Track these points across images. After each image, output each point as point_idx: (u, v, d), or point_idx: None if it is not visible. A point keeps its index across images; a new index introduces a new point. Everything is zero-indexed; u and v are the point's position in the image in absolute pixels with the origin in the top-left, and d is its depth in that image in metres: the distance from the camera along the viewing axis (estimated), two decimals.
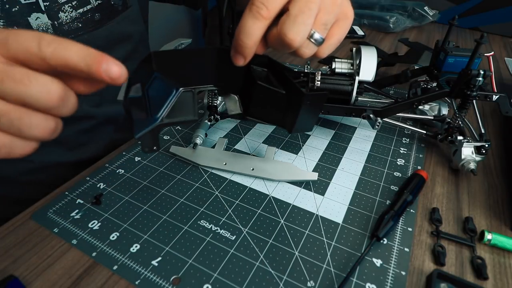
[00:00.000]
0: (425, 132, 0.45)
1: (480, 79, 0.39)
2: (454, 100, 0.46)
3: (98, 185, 0.39)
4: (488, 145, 0.39)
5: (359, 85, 0.41)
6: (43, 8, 0.38)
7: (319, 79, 0.41)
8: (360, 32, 0.89)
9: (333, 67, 0.42)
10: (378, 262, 0.31)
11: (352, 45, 0.65)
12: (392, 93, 0.61)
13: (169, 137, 0.47)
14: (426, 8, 0.96)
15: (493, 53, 0.49)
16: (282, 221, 0.35)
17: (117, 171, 0.41)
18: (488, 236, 0.33)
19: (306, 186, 0.39)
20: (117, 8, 0.46)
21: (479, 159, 0.40)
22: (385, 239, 0.33)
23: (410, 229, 0.34)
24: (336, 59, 0.42)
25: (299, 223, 0.35)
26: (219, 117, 0.44)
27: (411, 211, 0.36)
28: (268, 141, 0.47)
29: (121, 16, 0.47)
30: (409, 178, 0.38)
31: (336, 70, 0.42)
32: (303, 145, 0.46)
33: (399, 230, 0.34)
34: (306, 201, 0.37)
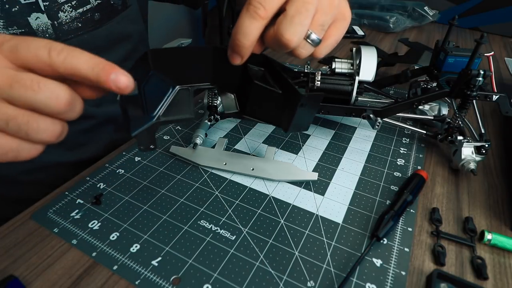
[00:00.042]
0: (425, 132, 0.45)
1: (480, 79, 0.39)
2: (454, 100, 0.46)
3: (98, 185, 0.39)
4: (488, 145, 0.39)
5: (359, 85, 0.41)
6: (43, 8, 0.38)
7: (319, 79, 0.41)
8: (360, 32, 0.89)
9: (333, 67, 0.42)
10: (378, 262, 0.31)
11: (352, 45, 0.65)
12: (392, 93, 0.61)
13: (169, 137, 0.47)
14: (426, 8, 0.96)
15: (493, 53, 0.49)
16: (282, 221, 0.35)
17: (117, 171, 0.41)
18: (488, 236, 0.33)
19: (306, 186, 0.39)
20: (117, 7, 0.46)
21: (479, 159, 0.40)
22: (385, 239, 0.33)
23: (410, 229, 0.34)
24: (336, 59, 0.42)
25: (299, 223, 0.35)
26: (219, 117, 0.44)
27: (411, 211, 0.36)
28: (268, 141, 0.47)
29: (120, 15, 0.47)
30: (409, 178, 0.39)
31: (336, 70, 0.42)
32: (303, 145, 0.46)
33: (399, 230, 0.34)
34: (306, 201, 0.37)
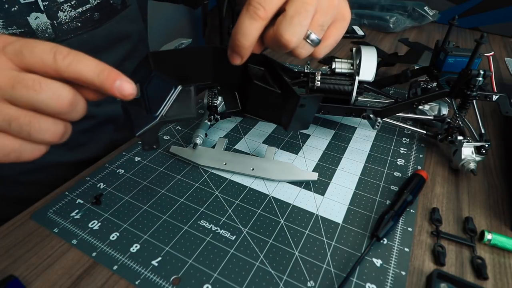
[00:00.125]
0: (425, 132, 0.45)
1: (480, 79, 0.39)
2: (454, 100, 0.46)
3: (98, 185, 0.39)
4: (488, 145, 0.39)
5: (359, 85, 0.41)
6: (42, 7, 0.38)
7: (319, 79, 0.41)
8: (360, 32, 0.89)
9: (333, 67, 0.42)
10: (378, 262, 0.31)
11: (352, 45, 0.65)
12: (392, 93, 0.61)
13: (169, 137, 0.47)
14: (426, 8, 0.96)
15: (493, 53, 0.49)
16: (282, 221, 0.35)
17: (117, 171, 0.41)
18: (488, 236, 0.33)
19: (306, 186, 0.39)
20: (116, 7, 0.46)
21: (479, 159, 0.40)
22: (385, 239, 0.33)
23: (410, 229, 0.34)
24: (336, 59, 0.42)
25: (299, 223, 0.35)
26: (219, 117, 0.44)
27: (411, 211, 0.36)
28: (268, 141, 0.47)
29: (120, 15, 0.47)
30: (409, 178, 0.39)
31: (336, 70, 0.42)
32: (303, 145, 0.46)
33: (399, 230, 0.34)
34: (306, 201, 0.37)
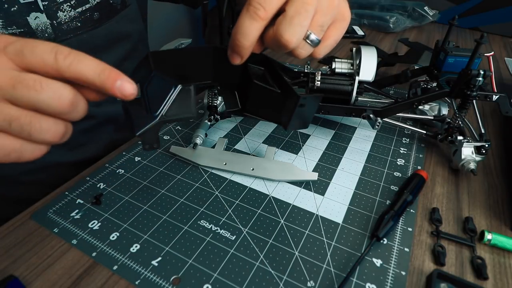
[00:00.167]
0: (425, 132, 0.45)
1: (480, 79, 0.39)
2: (454, 100, 0.46)
3: (98, 185, 0.39)
4: (488, 145, 0.39)
5: (359, 85, 0.41)
6: (42, 7, 0.38)
7: (319, 79, 0.41)
8: (360, 32, 0.89)
9: (333, 67, 0.42)
10: (378, 262, 0.31)
11: (352, 45, 0.65)
12: (392, 93, 0.61)
13: (169, 137, 0.47)
14: (426, 8, 0.96)
15: (493, 53, 0.49)
16: (282, 221, 0.35)
17: (117, 171, 0.41)
18: (488, 236, 0.33)
19: (306, 186, 0.39)
20: (116, 7, 0.46)
21: (479, 159, 0.40)
22: (385, 239, 0.33)
23: (410, 229, 0.34)
24: (336, 59, 0.42)
25: (299, 223, 0.35)
26: (219, 117, 0.44)
27: (411, 211, 0.36)
28: (268, 141, 0.47)
29: (120, 15, 0.47)
30: (409, 178, 0.39)
31: (336, 70, 0.42)
32: (303, 145, 0.46)
33: (399, 230, 0.34)
34: (306, 201, 0.37)
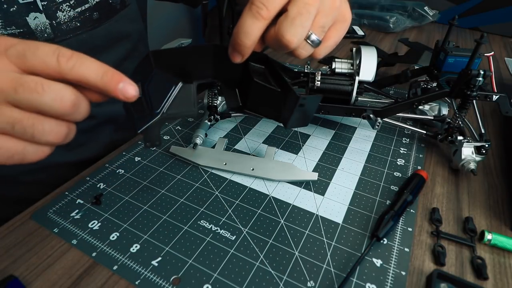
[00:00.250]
0: (425, 132, 0.45)
1: (480, 79, 0.39)
2: (454, 100, 0.46)
3: (98, 185, 0.39)
4: (488, 145, 0.39)
5: (359, 85, 0.41)
6: (41, 7, 0.38)
7: (319, 79, 0.41)
8: (360, 32, 0.89)
9: (333, 67, 0.42)
10: (378, 262, 0.31)
11: (352, 45, 0.65)
12: (392, 93, 0.61)
13: (169, 137, 0.47)
14: (426, 8, 0.96)
15: (493, 53, 0.49)
16: (282, 221, 0.35)
17: (117, 171, 0.41)
18: (488, 236, 0.33)
19: (306, 186, 0.39)
20: (116, 6, 0.46)
21: (479, 159, 0.40)
22: (385, 239, 0.33)
23: (410, 229, 0.34)
24: (336, 59, 0.42)
25: (299, 223, 0.35)
26: (219, 117, 0.44)
27: (411, 211, 0.36)
28: (268, 141, 0.47)
29: (119, 14, 0.47)
30: (409, 178, 0.39)
31: (336, 70, 0.42)
32: (303, 145, 0.46)
33: (399, 230, 0.34)
34: (306, 201, 0.37)
